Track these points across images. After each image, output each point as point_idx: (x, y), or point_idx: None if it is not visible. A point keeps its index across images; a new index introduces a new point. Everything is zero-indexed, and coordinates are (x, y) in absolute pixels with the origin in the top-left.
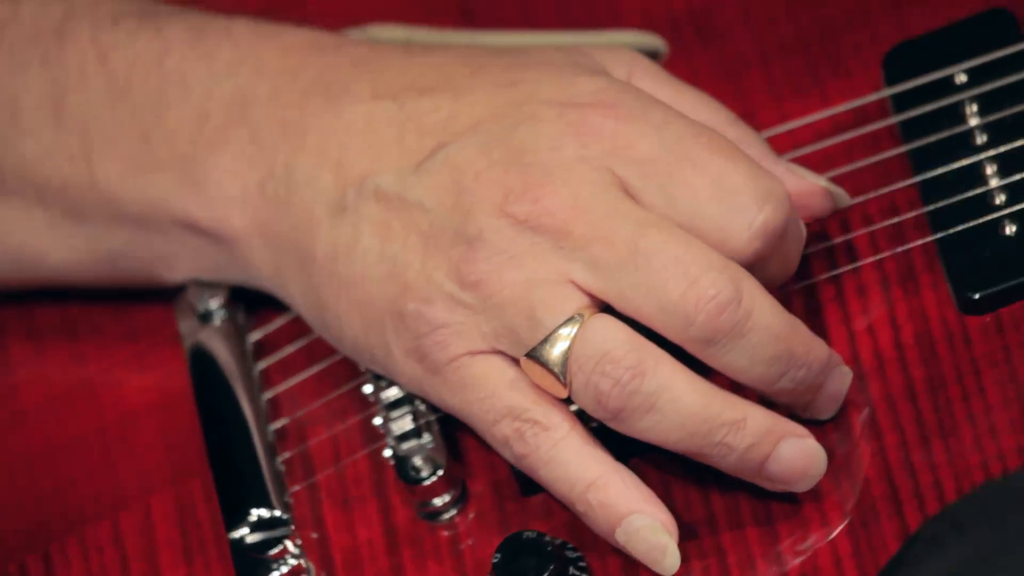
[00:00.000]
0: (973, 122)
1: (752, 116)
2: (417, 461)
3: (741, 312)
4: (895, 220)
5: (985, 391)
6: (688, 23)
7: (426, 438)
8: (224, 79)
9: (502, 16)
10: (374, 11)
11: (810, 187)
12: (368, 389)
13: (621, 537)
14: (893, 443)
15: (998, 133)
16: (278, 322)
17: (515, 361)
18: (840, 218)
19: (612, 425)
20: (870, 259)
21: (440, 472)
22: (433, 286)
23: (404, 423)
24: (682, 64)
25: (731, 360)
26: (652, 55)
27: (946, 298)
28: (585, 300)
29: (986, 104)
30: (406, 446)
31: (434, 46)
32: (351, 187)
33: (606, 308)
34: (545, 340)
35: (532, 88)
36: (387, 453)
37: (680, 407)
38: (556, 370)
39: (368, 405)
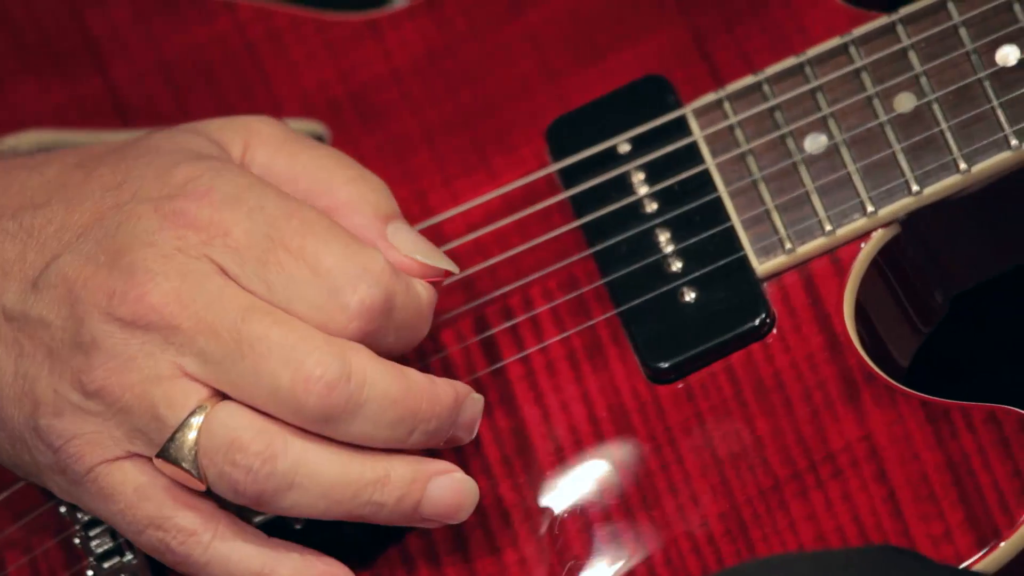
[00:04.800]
0: (642, 191)
1: (424, 197)
2: None
3: (353, 386)
4: (576, 294)
5: (683, 460)
6: (349, 107)
7: (128, 556)
8: None
9: (159, 111)
10: (30, 117)
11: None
12: (63, 509)
13: None
14: (598, 518)
15: (666, 201)
16: None
17: (151, 463)
18: (523, 295)
19: (257, 508)
20: (556, 335)
21: None
22: (60, 398)
23: (104, 542)
24: (348, 149)
25: (355, 431)
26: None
27: (635, 369)
28: (205, 392)
29: (652, 172)
30: (108, 565)
31: (54, 154)
32: None
33: None
34: (172, 438)
35: (135, 186)
36: (90, 574)
37: (320, 479)
38: (187, 466)
39: (67, 525)
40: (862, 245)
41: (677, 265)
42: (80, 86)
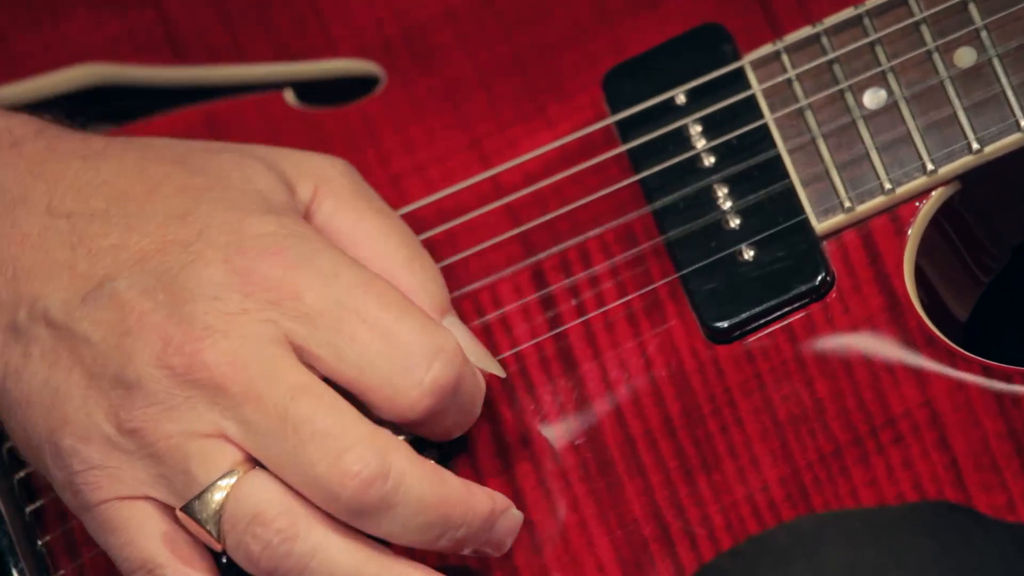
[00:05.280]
0: (699, 145)
1: (479, 145)
2: None
3: (389, 486)
4: (635, 251)
5: (743, 422)
6: (403, 47)
7: None
8: None
9: (212, 46)
10: (82, 51)
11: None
12: None
13: None
14: (658, 481)
15: (724, 155)
16: None
17: (166, 510)
18: (580, 249)
19: None
20: (614, 292)
21: None
22: (92, 425)
23: None
24: (401, 91)
25: (384, 529)
26: (371, 81)
27: (694, 328)
28: (240, 456)
29: (709, 126)
30: None
31: (112, 146)
32: (23, 307)
33: None
34: (199, 496)
35: (202, 225)
36: None
37: (333, 570)
38: (209, 527)
39: None
40: (921, 203)
41: (735, 222)
42: (133, 18)
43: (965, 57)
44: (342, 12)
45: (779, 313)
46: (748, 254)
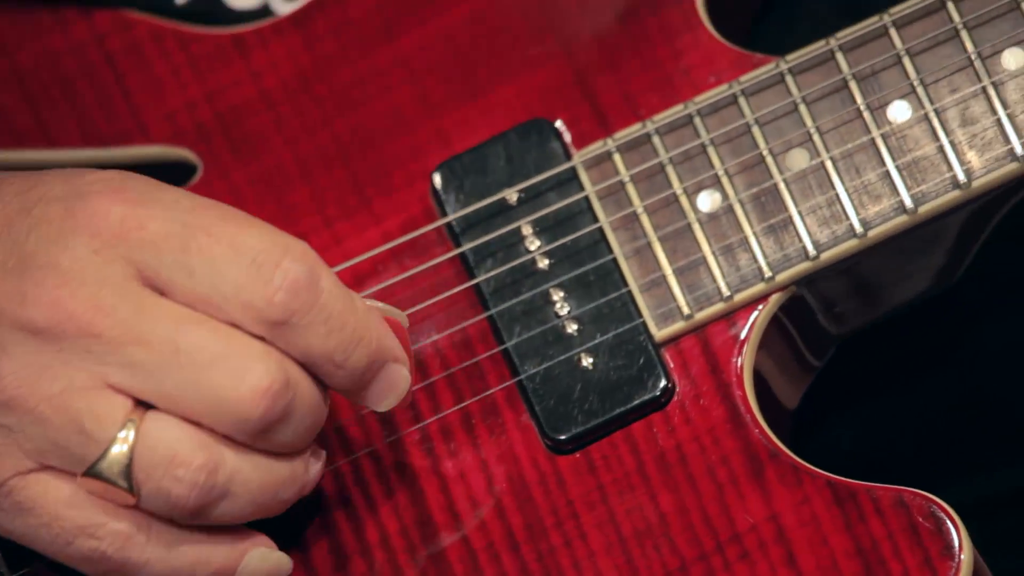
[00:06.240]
0: (533, 247)
1: (304, 239)
2: None
3: (291, 396)
4: (473, 361)
5: (586, 536)
6: (219, 133)
7: None
8: None
9: (17, 129)
10: None
11: None
12: None
13: None
14: None
15: (560, 259)
16: None
17: (69, 475)
18: (415, 358)
19: (186, 520)
20: (451, 400)
21: None
22: None
23: None
24: (219, 181)
25: (281, 440)
26: (188, 170)
27: (534, 438)
28: (129, 403)
29: (543, 227)
30: None
31: None
32: None
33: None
34: (103, 454)
35: (45, 189)
36: None
37: (250, 486)
38: (121, 483)
39: None
40: (759, 307)
41: (573, 328)
42: None
43: (798, 159)
44: (152, 95)
45: (620, 424)
46: (587, 361)
